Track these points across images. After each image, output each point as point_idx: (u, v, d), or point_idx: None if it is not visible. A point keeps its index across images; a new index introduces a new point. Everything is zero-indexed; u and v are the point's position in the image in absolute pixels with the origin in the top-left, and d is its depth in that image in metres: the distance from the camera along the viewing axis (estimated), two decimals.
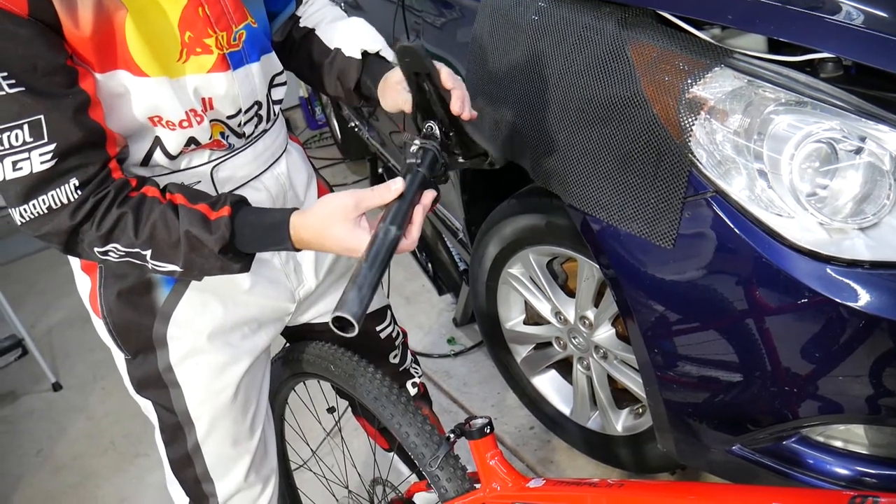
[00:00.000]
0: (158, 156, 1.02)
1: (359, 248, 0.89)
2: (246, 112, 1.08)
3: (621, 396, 1.76)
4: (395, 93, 1.09)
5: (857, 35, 0.95)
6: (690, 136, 1.10)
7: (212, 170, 1.09)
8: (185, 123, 1.00)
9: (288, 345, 1.47)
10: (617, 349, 1.62)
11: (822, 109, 1.02)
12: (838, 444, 1.20)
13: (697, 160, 1.10)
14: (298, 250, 0.97)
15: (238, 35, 1.02)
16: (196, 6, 0.96)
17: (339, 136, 4.22)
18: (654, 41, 1.18)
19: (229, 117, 1.06)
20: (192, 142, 1.03)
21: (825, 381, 1.11)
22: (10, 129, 0.84)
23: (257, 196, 1.14)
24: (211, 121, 1.04)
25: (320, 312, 1.35)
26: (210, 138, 1.05)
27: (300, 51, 1.24)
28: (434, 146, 0.96)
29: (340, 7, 1.31)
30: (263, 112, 1.12)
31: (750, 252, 1.06)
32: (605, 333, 1.65)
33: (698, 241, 1.13)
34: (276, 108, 1.18)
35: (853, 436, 1.19)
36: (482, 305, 2.00)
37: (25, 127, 0.85)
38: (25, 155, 0.85)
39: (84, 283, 1.14)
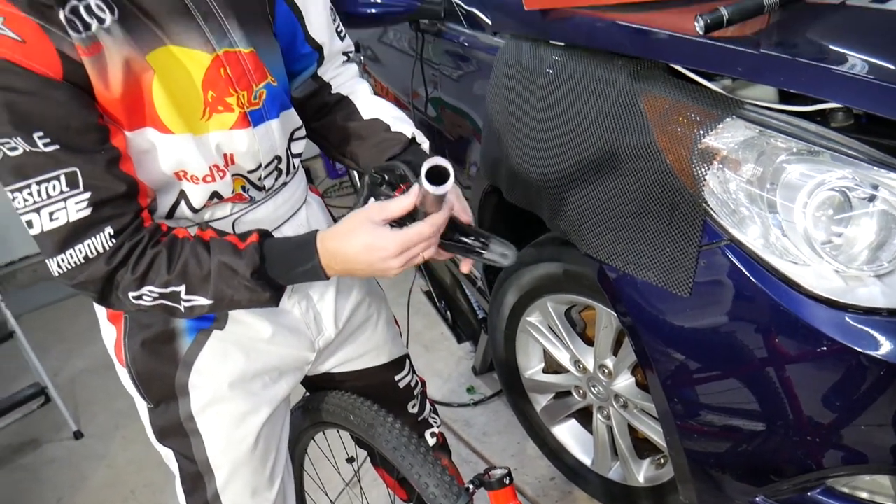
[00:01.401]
0: (183, 209, 1.06)
1: (383, 244, 0.92)
2: (266, 166, 1.11)
3: (643, 446, 1.74)
4: None
5: (864, 85, 0.97)
6: (704, 185, 1.12)
7: (234, 222, 1.12)
8: (209, 178, 1.04)
9: (307, 394, 1.48)
10: (637, 398, 1.61)
11: (834, 158, 1.03)
12: (864, 495, 1.18)
13: (711, 209, 1.11)
14: (327, 276, 0.98)
15: (258, 94, 1.06)
16: (218, 67, 1.00)
17: (359, 184, 4.29)
18: (666, 93, 1.21)
19: (250, 171, 1.09)
20: (215, 195, 1.06)
21: (848, 430, 1.10)
22: (47, 180, 0.88)
23: None
24: (233, 175, 1.07)
25: (340, 361, 1.36)
26: (232, 192, 1.08)
27: (332, 113, 1.26)
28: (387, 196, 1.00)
29: (360, 60, 1.34)
30: (283, 165, 1.15)
31: (767, 300, 1.06)
32: (624, 382, 1.64)
33: (715, 290, 1.14)
34: (296, 161, 1.21)
35: (879, 487, 1.17)
36: (501, 354, 2.00)
37: (62, 178, 0.89)
38: (62, 205, 0.89)
39: (109, 333, 1.16)
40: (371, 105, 1.24)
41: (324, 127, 1.28)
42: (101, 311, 1.17)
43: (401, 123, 1.20)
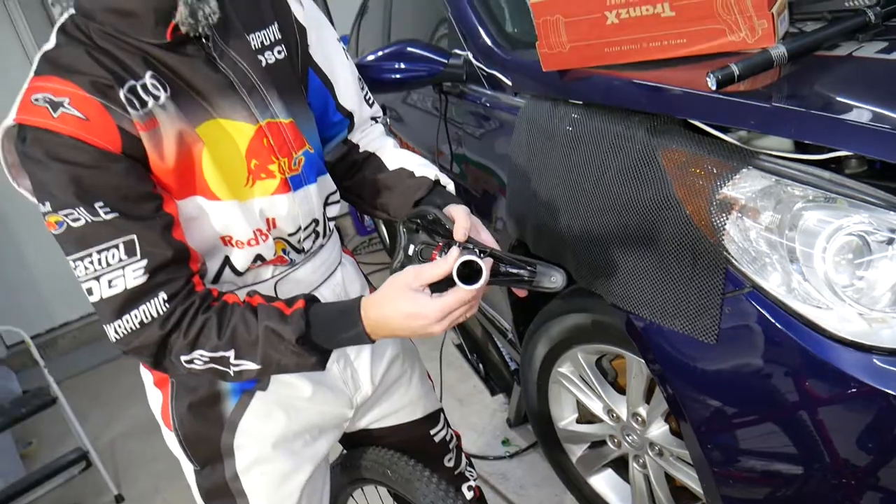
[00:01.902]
0: (228, 273, 1.12)
1: (425, 312, 0.95)
2: (305, 229, 1.17)
3: (681, 494, 1.73)
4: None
5: (874, 134, 1.00)
6: (724, 234, 1.15)
7: (275, 284, 1.17)
8: (253, 242, 1.10)
9: (345, 451, 1.51)
10: (672, 445, 1.61)
11: (850, 204, 1.06)
12: None
13: (732, 257, 1.14)
14: (371, 340, 1.02)
15: (298, 160, 1.13)
16: (261, 137, 1.08)
17: (388, 241, 4.36)
18: (682, 146, 1.25)
19: (290, 234, 1.15)
20: (258, 258, 1.12)
21: (885, 471, 1.10)
22: (107, 249, 0.94)
23: None
24: (274, 238, 1.13)
25: (376, 418, 1.39)
26: (274, 254, 1.14)
27: (361, 170, 1.33)
28: (426, 241, 1.05)
29: (386, 122, 1.40)
30: (320, 228, 1.22)
31: (793, 345, 1.08)
32: (658, 430, 1.65)
33: (741, 336, 1.16)
34: (331, 224, 1.28)
35: None
36: (534, 405, 2.01)
37: (121, 246, 0.95)
38: (120, 272, 0.95)
39: (156, 398, 1.21)
40: (396, 156, 1.30)
41: (355, 185, 1.34)
42: (147, 377, 1.22)
43: (424, 168, 1.25)
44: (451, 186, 1.26)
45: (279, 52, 1.14)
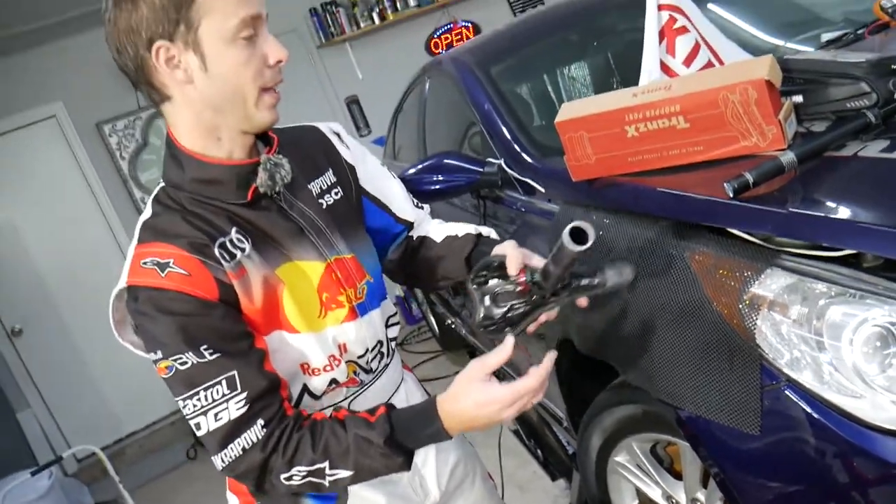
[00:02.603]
0: (307, 399, 1.24)
1: (497, 398, 1.06)
2: (372, 350, 1.29)
3: None
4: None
5: (882, 234, 1.08)
6: (755, 331, 1.23)
7: (349, 405, 1.29)
8: (328, 368, 1.22)
9: None
10: None
11: (871, 297, 1.14)
12: None
13: (765, 353, 1.22)
14: (449, 436, 1.12)
15: (361, 289, 1.26)
16: (330, 272, 1.22)
17: (437, 329, 4.46)
18: (709, 249, 1.34)
19: (359, 357, 1.27)
20: (332, 382, 1.24)
21: None
22: (213, 385, 1.07)
23: None
24: (346, 362, 1.25)
25: None
26: (346, 377, 1.26)
27: (416, 255, 1.46)
28: (498, 285, 1.13)
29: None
30: (384, 349, 1.34)
31: (832, 434, 1.14)
32: None
33: (783, 427, 1.22)
34: (393, 344, 1.39)
35: None
36: (595, 494, 2.06)
37: (223, 382, 1.07)
38: (224, 405, 1.07)
39: None
40: (440, 230, 1.45)
41: (415, 270, 1.47)
42: (231, 498, 1.33)
43: (465, 227, 1.40)
44: (493, 234, 1.39)
45: (336, 194, 1.29)
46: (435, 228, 1.47)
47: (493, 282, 1.16)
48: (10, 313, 4.93)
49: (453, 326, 3.76)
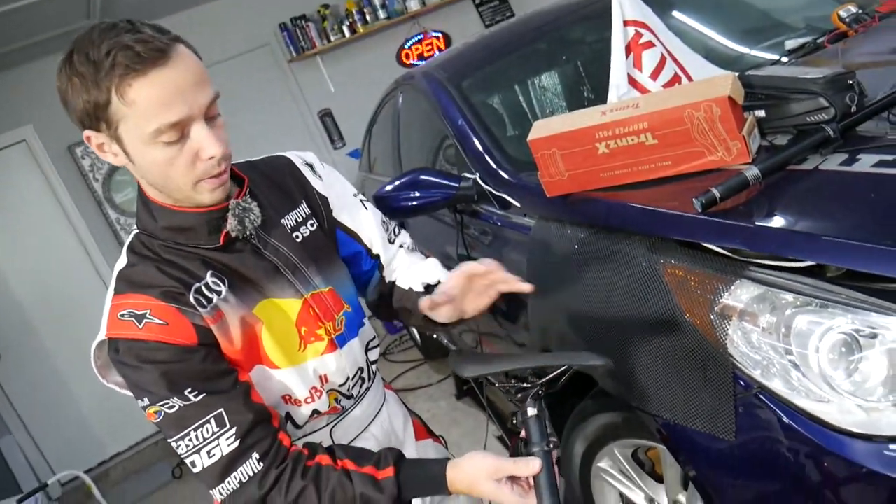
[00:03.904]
0: (289, 427, 1.26)
1: (504, 500, 1.07)
2: (353, 378, 1.32)
3: None
4: (474, 298, 1.31)
5: (842, 246, 1.14)
6: (727, 340, 1.28)
7: (330, 430, 1.31)
8: (309, 399, 1.25)
9: None
10: None
11: (834, 307, 1.19)
12: None
13: (737, 362, 1.27)
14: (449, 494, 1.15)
15: (340, 321, 1.29)
16: (308, 307, 1.24)
17: (419, 338, 4.49)
18: (680, 262, 1.39)
19: (340, 385, 1.30)
20: (314, 412, 1.26)
21: None
22: (202, 425, 1.10)
23: (368, 444, 1.35)
24: (328, 391, 1.27)
25: None
26: (328, 406, 1.28)
27: (390, 300, 1.48)
28: (543, 415, 1.14)
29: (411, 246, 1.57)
30: (365, 374, 1.36)
31: (803, 438, 1.19)
32: None
33: (758, 432, 1.26)
34: (374, 367, 1.42)
35: None
36: (579, 499, 2.10)
37: (212, 421, 1.10)
38: (216, 443, 1.10)
39: None
40: (406, 277, 1.44)
41: (395, 314, 1.49)
42: None
43: (420, 277, 1.41)
44: (438, 272, 1.41)
45: (312, 226, 1.31)
46: (402, 274, 1.47)
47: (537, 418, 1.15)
48: None
49: (435, 336, 3.79)
